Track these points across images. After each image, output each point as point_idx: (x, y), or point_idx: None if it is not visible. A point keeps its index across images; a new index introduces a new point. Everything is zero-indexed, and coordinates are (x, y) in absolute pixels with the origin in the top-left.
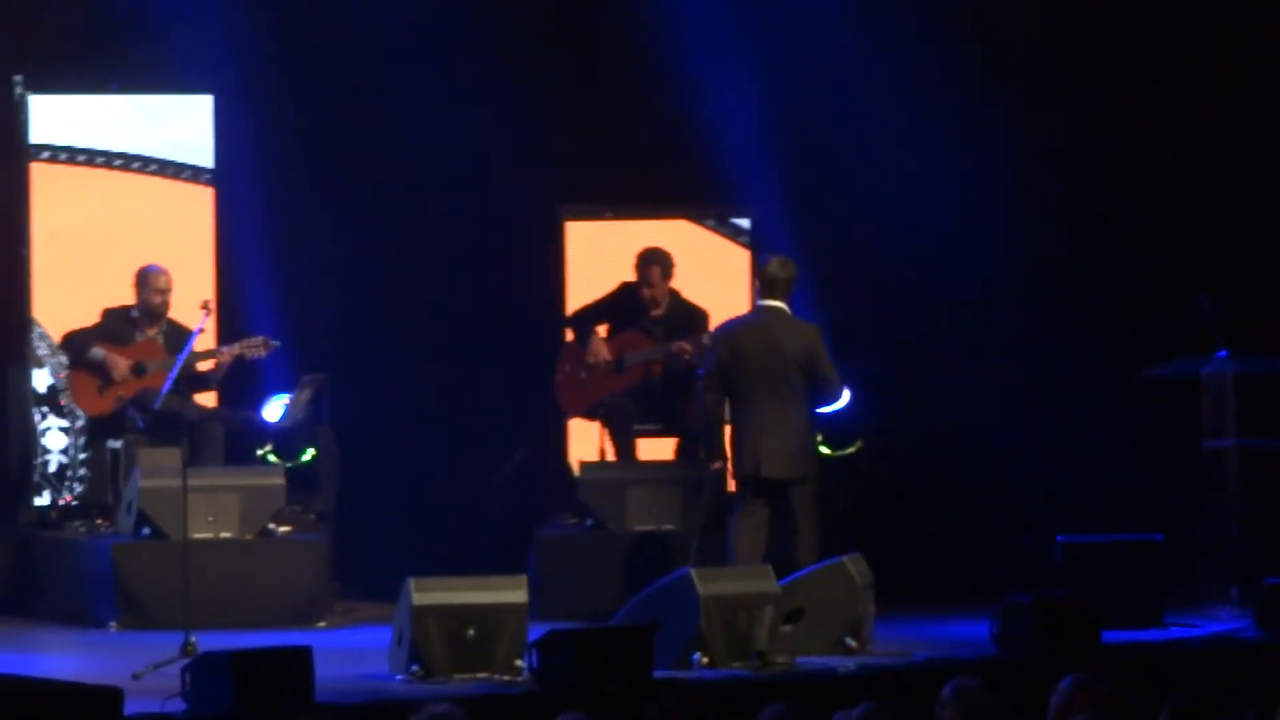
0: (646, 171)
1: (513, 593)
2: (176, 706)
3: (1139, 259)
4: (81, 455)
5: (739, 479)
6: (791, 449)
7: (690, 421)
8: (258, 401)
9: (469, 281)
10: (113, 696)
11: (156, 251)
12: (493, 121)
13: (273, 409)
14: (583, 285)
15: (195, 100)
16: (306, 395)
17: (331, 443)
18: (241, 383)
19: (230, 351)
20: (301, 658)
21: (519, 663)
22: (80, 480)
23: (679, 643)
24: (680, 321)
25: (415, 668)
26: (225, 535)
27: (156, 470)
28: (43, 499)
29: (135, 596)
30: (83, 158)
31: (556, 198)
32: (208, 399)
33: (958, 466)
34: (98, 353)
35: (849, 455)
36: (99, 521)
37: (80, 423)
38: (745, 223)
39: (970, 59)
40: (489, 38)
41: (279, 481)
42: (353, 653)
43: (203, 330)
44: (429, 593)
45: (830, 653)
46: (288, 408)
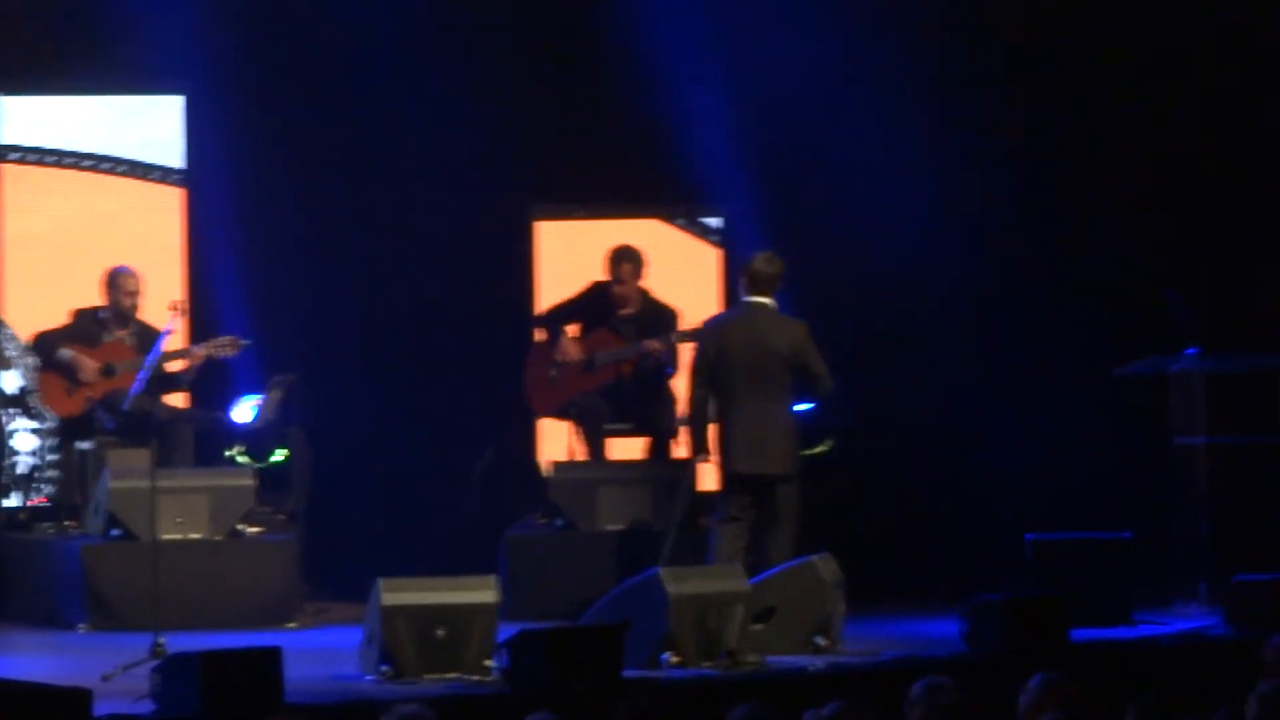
0: (617, 171)
1: (483, 593)
2: (146, 708)
3: (1109, 257)
4: (51, 456)
5: (726, 476)
6: (781, 446)
7: (660, 421)
8: (228, 402)
9: (440, 281)
10: (82, 698)
11: (126, 252)
12: (463, 121)
13: (243, 410)
14: (553, 285)
15: (165, 101)
16: (277, 396)
17: (302, 443)
18: (212, 383)
19: (199, 352)
20: (271, 658)
21: (489, 663)
22: (49, 481)
23: (649, 642)
24: (651, 320)
25: (385, 668)
26: (195, 536)
27: (126, 471)
28: (11, 501)
29: (104, 598)
30: (52, 159)
31: (527, 197)
32: (178, 400)
33: (928, 465)
34: (66, 354)
35: (819, 454)
36: (68, 523)
37: (49, 424)
38: (716, 222)
39: (941, 58)
40: (460, 38)
41: (248, 482)
42: (323, 653)
43: (172, 331)
44: (399, 593)
45: (800, 652)
46: (258, 408)
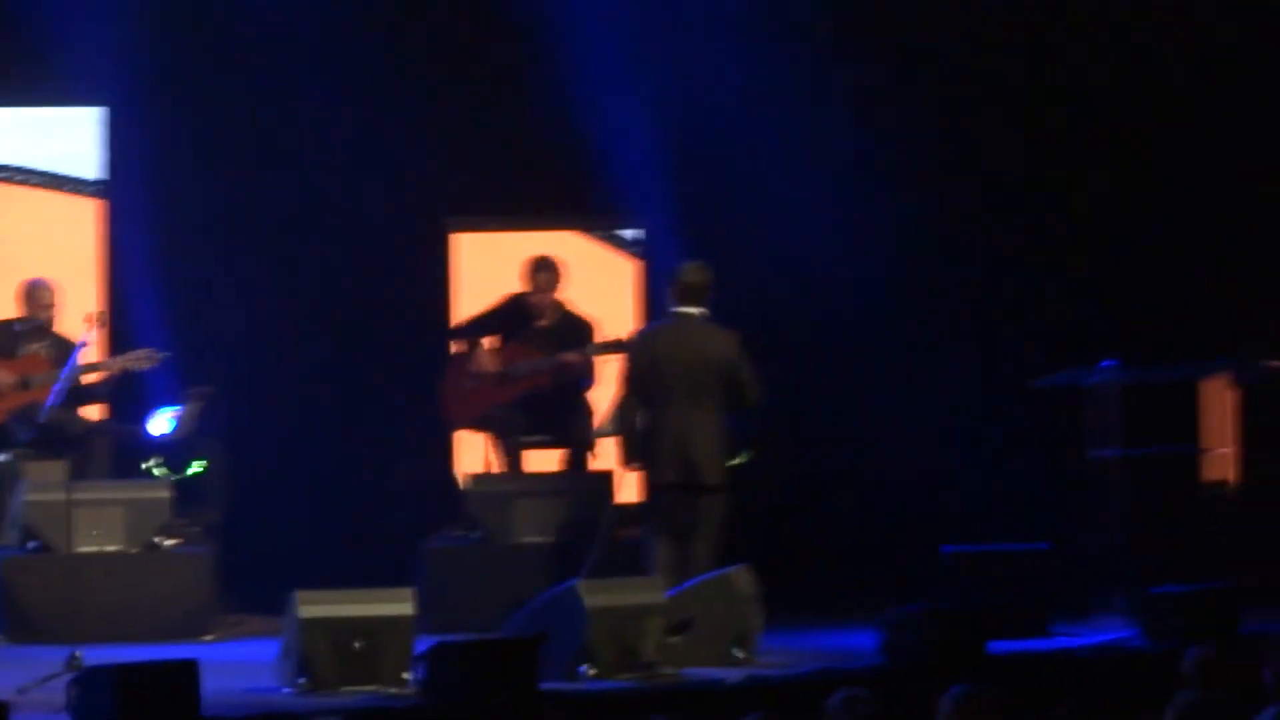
0: (534, 183)
1: (400, 605)
2: None
3: (1026, 269)
4: None
5: (658, 486)
6: (711, 456)
7: (577, 432)
8: (145, 414)
9: (356, 293)
10: None
11: (42, 265)
12: (380, 133)
13: (160, 422)
14: (470, 297)
15: (80, 112)
16: (194, 408)
17: (219, 455)
18: (128, 396)
19: (116, 364)
20: (188, 671)
21: (406, 675)
22: None
23: (566, 654)
24: (568, 332)
25: (302, 680)
26: (111, 548)
27: (42, 484)
28: None
29: (21, 610)
30: None
31: (444, 209)
32: (94, 412)
33: (844, 477)
34: None
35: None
36: None
37: None
38: (633, 234)
39: (858, 72)
40: (378, 50)
41: (165, 494)
42: (240, 666)
43: (88, 343)
44: (316, 605)
45: (718, 664)
46: (175, 420)
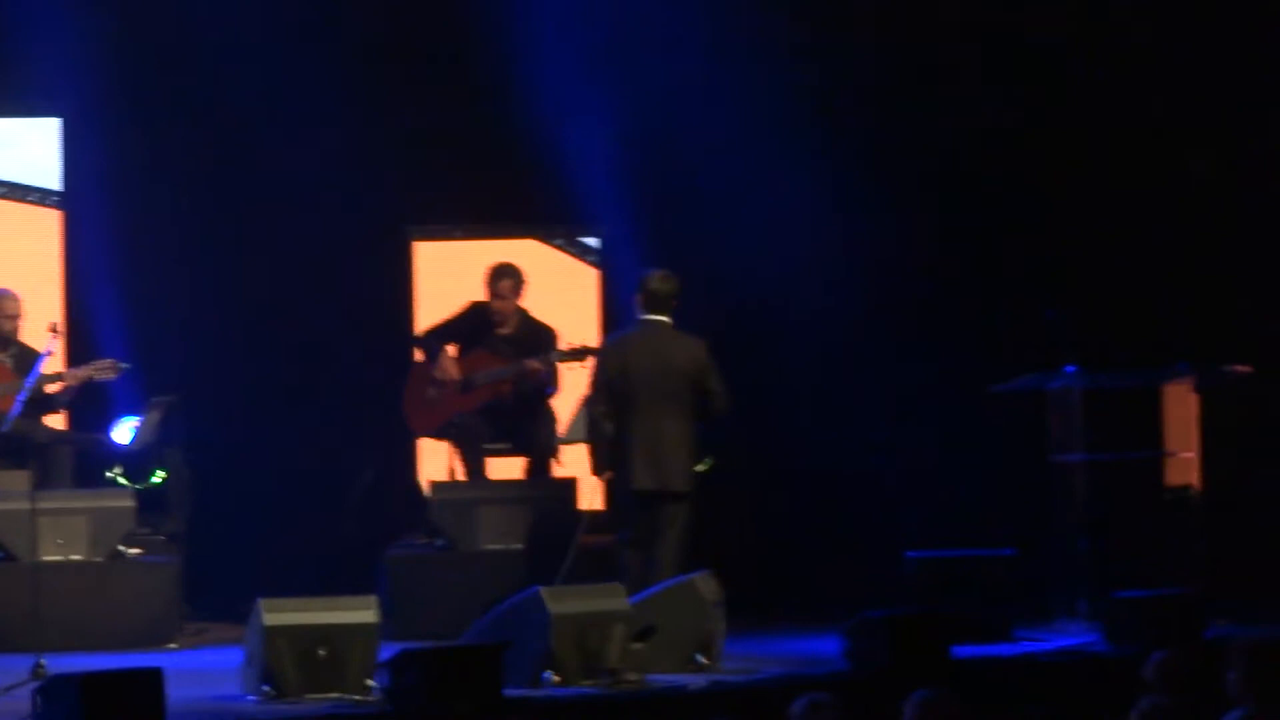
0: (495, 191)
1: (363, 613)
2: None
3: (987, 274)
4: None
5: (630, 493)
6: (680, 462)
7: (540, 440)
8: (107, 424)
9: (318, 302)
10: None
11: (5, 274)
12: (341, 142)
13: (122, 431)
14: (432, 305)
15: (41, 123)
16: (156, 417)
17: (181, 464)
18: (91, 405)
19: (79, 374)
20: (152, 679)
21: (370, 682)
22: None
23: (530, 661)
24: (529, 340)
25: (267, 688)
26: (75, 557)
27: (5, 493)
28: None
29: None
30: None
31: (405, 218)
32: (57, 421)
33: (808, 483)
34: None
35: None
36: None
37: None
38: (594, 242)
39: (818, 78)
40: (337, 59)
41: (128, 503)
42: (204, 674)
43: (51, 353)
44: (279, 613)
45: (681, 670)
46: (137, 430)
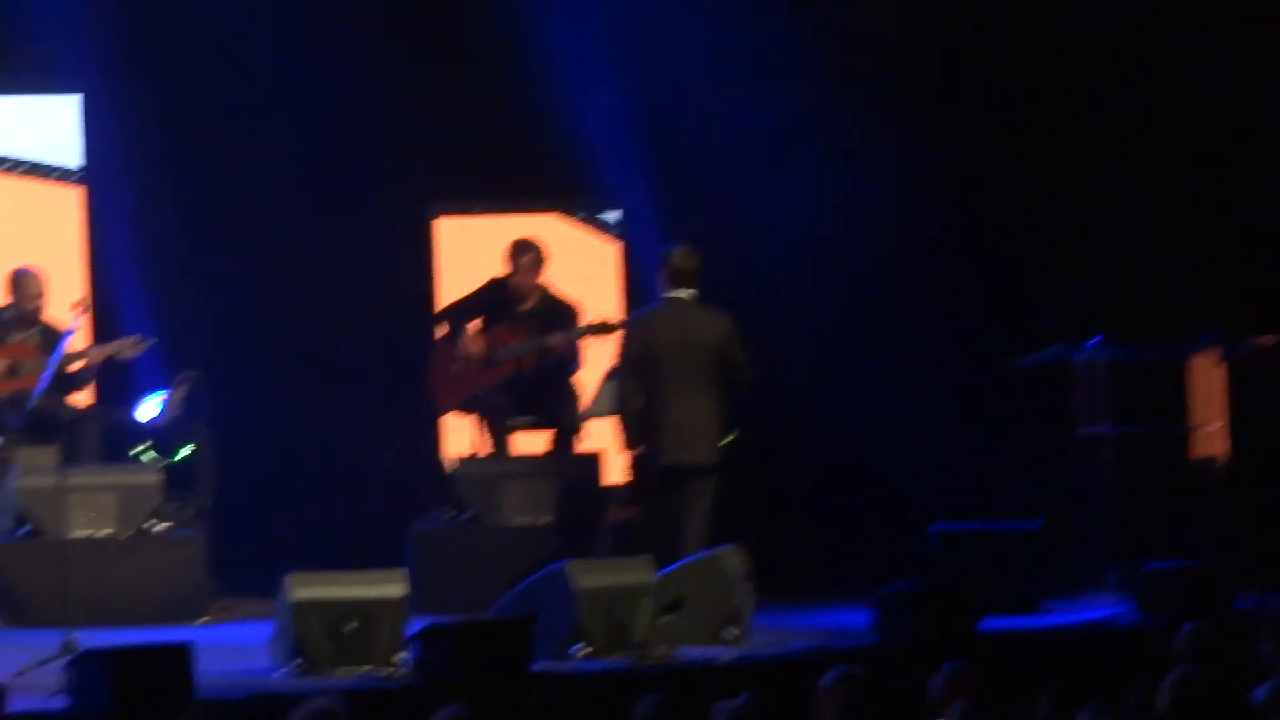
0: (516, 167)
1: (391, 586)
2: (59, 704)
3: (1012, 246)
4: None
5: (659, 468)
6: (707, 436)
7: (563, 415)
8: (133, 400)
9: (340, 278)
10: None
11: (28, 253)
12: (362, 118)
13: (148, 407)
14: (454, 281)
15: (63, 100)
16: (181, 393)
17: (207, 440)
18: (116, 381)
19: (101, 351)
20: (182, 654)
21: (399, 656)
22: None
23: (558, 634)
24: (551, 315)
25: (296, 662)
26: (104, 533)
27: (34, 470)
28: None
29: (15, 595)
30: None
31: (426, 194)
32: (83, 398)
33: (834, 456)
34: None
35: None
36: None
37: None
38: (615, 216)
39: (837, 53)
40: (358, 35)
41: (156, 479)
42: (233, 648)
43: (75, 331)
44: (308, 587)
45: (709, 643)
46: (163, 406)
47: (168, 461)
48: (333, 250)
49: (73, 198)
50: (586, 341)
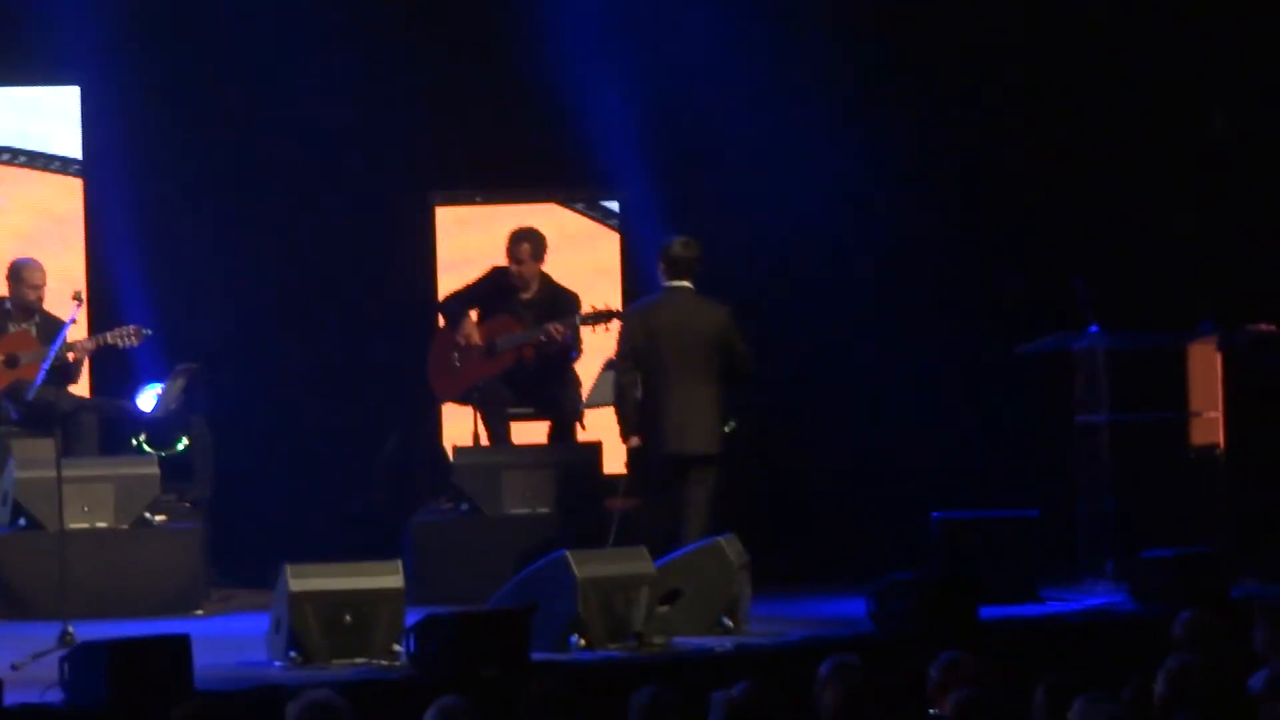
0: (516, 155)
1: (389, 578)
2: (55, 697)
3: (1010, 236)
4: None
5: (657, 457)
6: (707, 426)
7: (564, 404)
8: (131, 391)
9: (340, 268)
10: None
11: (27, 243)
12: (361, 107)
13: (145, 398)
14: (453, 270)
15: (63, 91)
16: (179, 384)
17: (205, 431)
18: (114, 372)
19: (102, 341)
20: (179, 646)
21: (397, 647)
22: None
23: (556, 625)
24: (551, 304)
25: (293, 654)
26: (101, 525)
27: (31, 461)
28: None
29: (12, 587)
30: None
31: (426, 183)
32: (82, 389)
33: (832, 444)
34: None
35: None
36: None
37: None
38: (615, 205)
39: (839, 44)
40: (357, 23)
41: (153, 470)
42: (231, 640)
43: (75, 321)
44: (306, 579)
45: (707, 633)
46: (160, 397)
47: (165, 452)
48: (332, 240)
49: (72, 188)
50: (586, 330)
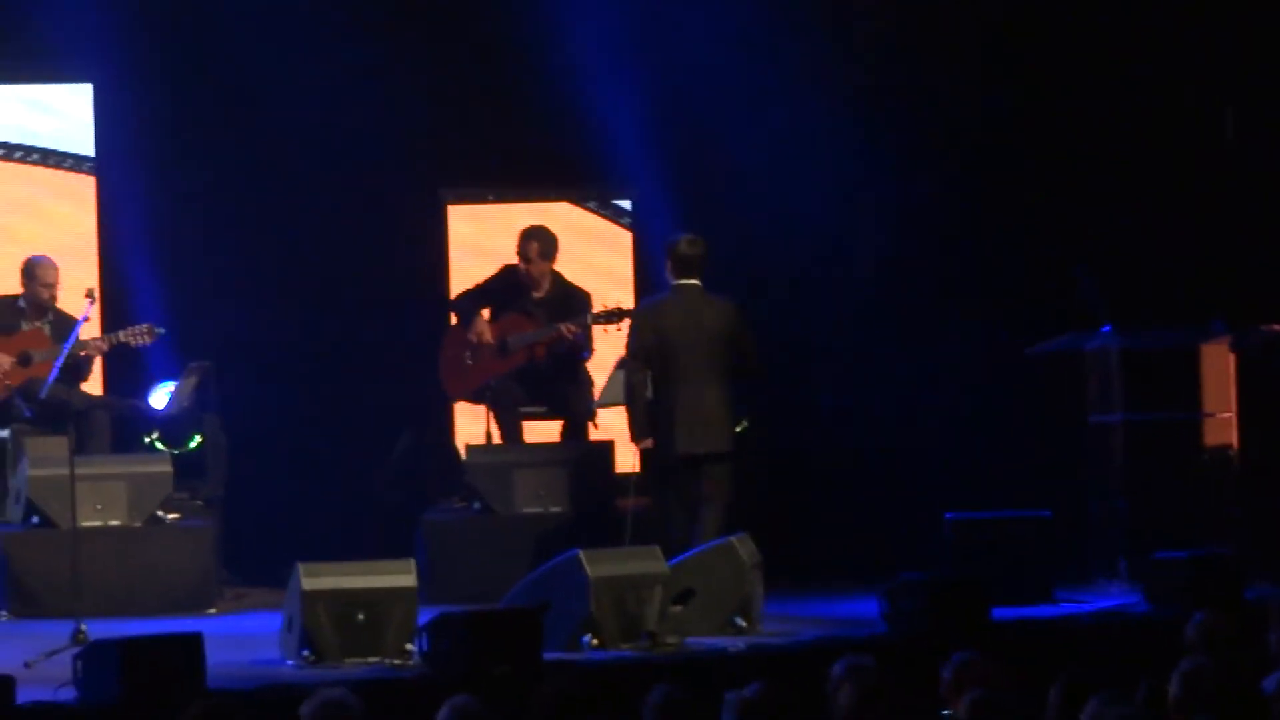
0: (528, 154)
1: (401, 576)
2: (68, 695)
3: (1021, 234)
4: None
5: (670, 457)
6: (719, 424)
7: (576, 403)
8: (143, 389)
9: (352, 266)
10: (5, 685)
11: (41, 241)
12: (374, 106)
13: (158, 396)
14: (465, 269)
15: (76, 89)
16: (192, 382)
17: (218, 429)
18: (127, 371)
19: (115, 339)
20: (192, 644)
21: (409, 646)
22: None
23: (569, 624)
24: (563, 303)
25: (306, 653)
26: (114, 523)
27: (44, 459)
28: None
29: (25, 585)
30: None
31: (438, 181)
32: (94, 387)
33: (845, 446)
34: None
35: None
36: None
37: None
38: (627, 204)
39: (849, 43)
40: (370, 22)
41: (166, 469)
42: (243, 639)
43: (88, 319)
44: (318, 578)
45: (720, 633)
46: (173, 395)
47: (178, 451)
48: (344, 238)
49: (86, 186)
50: (598, 329)
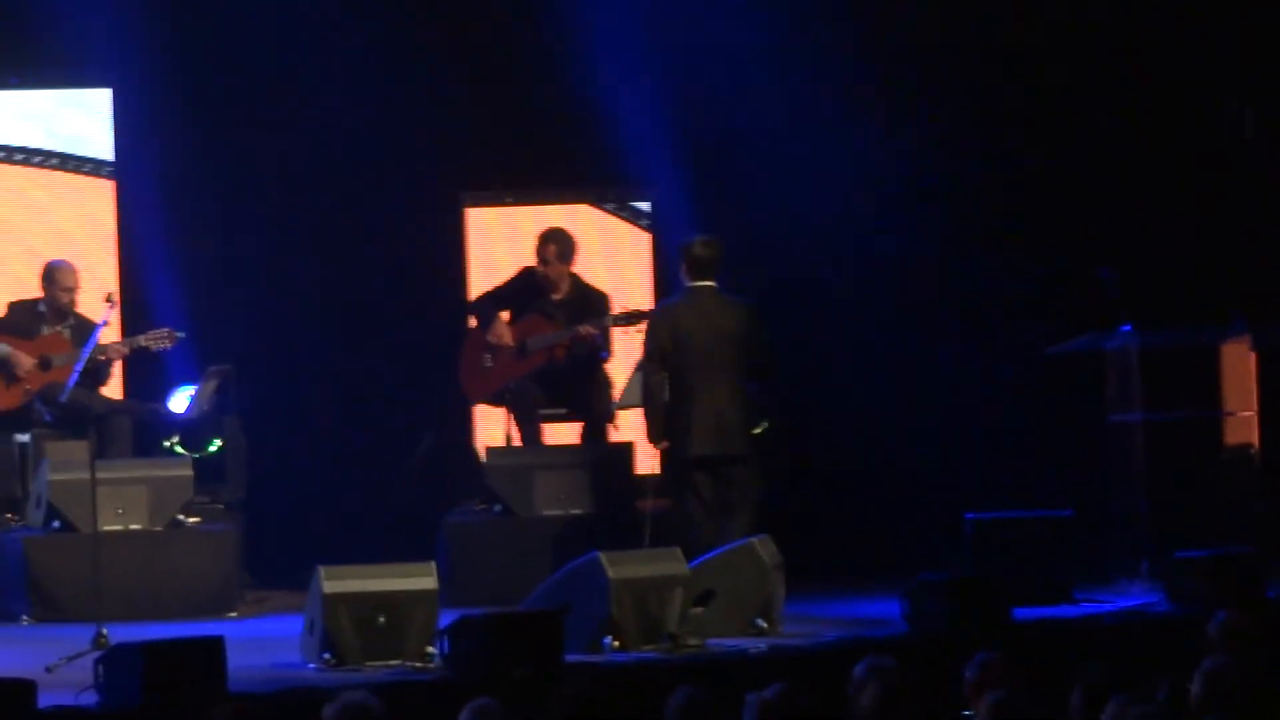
0: (547, 156)
1: (422, 579)
2: (90, 699)
3: (1040, 235)
4: None
5: (687, 459)
6: (737, 426)
7: (595, 405)
8: (163, 393)
9: (371, 269)
10: (26, 689)
11: (60, 245)
12: (392, 109)
13: (178, 400)
14: (484, 271)
15: (95, 94)
16: (212, 386)
17: (238, 433)
18: (147, 374)
19: (135, 343)
20: (213, 648)
21: (430, 649)
22: None
23: (590, 626)
24: (581, 305)
25: (327, 656)
26: (135, 527)
27: (65, 463)
28: None
29: (47, 590)
30: None
31: (457, 184)
32: (114, 391)
33: (865, 446)
34: (3, 348)
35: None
36: (9, 516)
37: None
38: (646, 206)
39: (869, 43)
40: (387, 25)
41: (187, 472)
42: (265, 642)
43: (107, 323)
44: (339, 581)
45: (741, 634)
46: (193, 399)
47: (198, 454)
48: (364, 241)
49: (105, 190)
50: (617, 331)
